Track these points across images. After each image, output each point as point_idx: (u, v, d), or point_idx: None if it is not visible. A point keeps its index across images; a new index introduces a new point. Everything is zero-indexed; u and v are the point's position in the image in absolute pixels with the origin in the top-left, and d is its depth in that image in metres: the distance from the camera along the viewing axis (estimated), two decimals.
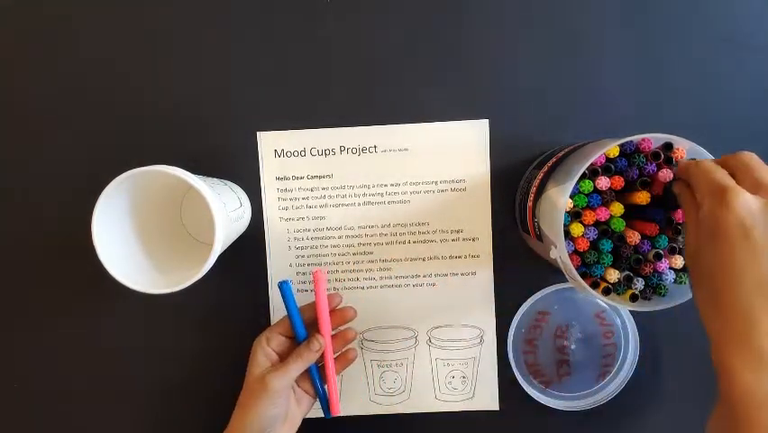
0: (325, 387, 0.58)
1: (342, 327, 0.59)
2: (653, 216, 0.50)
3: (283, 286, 0.56)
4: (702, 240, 0.40)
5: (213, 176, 0.60)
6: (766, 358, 0.36)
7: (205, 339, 0.64)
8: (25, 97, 0.62)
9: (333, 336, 0.57)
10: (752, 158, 0.41)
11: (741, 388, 0.36)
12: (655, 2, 0.61)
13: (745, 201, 0.38)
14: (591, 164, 0.48)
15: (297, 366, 0.54)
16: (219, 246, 0.49)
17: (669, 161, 0.49)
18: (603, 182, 0.49)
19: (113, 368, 0.64)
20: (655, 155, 0.49)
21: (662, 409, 0.64)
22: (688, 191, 0.44)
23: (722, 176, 0.40)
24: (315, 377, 0.57)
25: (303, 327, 0.57)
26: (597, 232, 0.50)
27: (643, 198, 0.49)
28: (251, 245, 0.63)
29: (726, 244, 0.38)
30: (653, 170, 0.49)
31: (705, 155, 0.48)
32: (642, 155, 0.49)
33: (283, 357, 0.57)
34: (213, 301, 0.64)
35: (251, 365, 0.56)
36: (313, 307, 0.57)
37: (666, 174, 0.48)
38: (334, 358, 0.58)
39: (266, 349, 0.56)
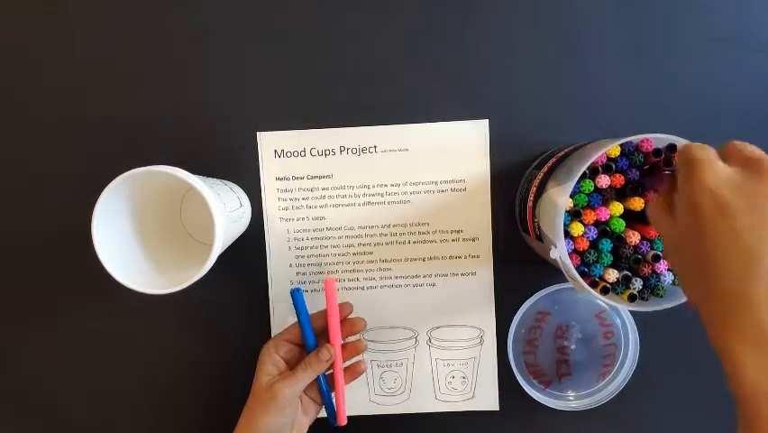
0: (332, 394, 0.58)
1: (351, 338, 0.59)
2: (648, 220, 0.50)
3: (295, 294, 0.56)
4: (680, 225, 0.38)
5: (213, 176, 0.60)
6: None
7: (205, 339, 0.64)
8: (25, 97, 0.62)
9: (342, 346, 0.57)
10: (745, 144, 0.38)
11: (747, 379, 0.33)
12: (655, 2, 0.61)
13: (715, 173, 0.35)
14: (592, 163, 0.48)
15: (307, 376, 0.54)
16: (219, 246, 0.49)
17: (668, 162, 0.49)
18: (603, 180, 0.49)
19: (113, 368, 0.64)
20: (657, 153, 0.49)
21: (662, 409, 0.64)
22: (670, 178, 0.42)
23: (695, 149, 0.37)
24: (323, 385, 0.57)
25: (313, 336, 0.57)
26: (597, 232, 0.50)
27: (636, 204, 0.49)
28: (251, 245, 0.63)
29: (702, 225, 0.35)
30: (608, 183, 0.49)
31: None
32: (641, 154, 0.49)
33: (291, 365, 0.56)
34: (213, 301, 0.64)
35: (259, 373, 0.55)
36: (323, 315, 0.57)
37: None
38: (343, 369, 0.58)
39: (274, 357, 0.56)
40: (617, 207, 0.50)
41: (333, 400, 0.58)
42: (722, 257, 0.35)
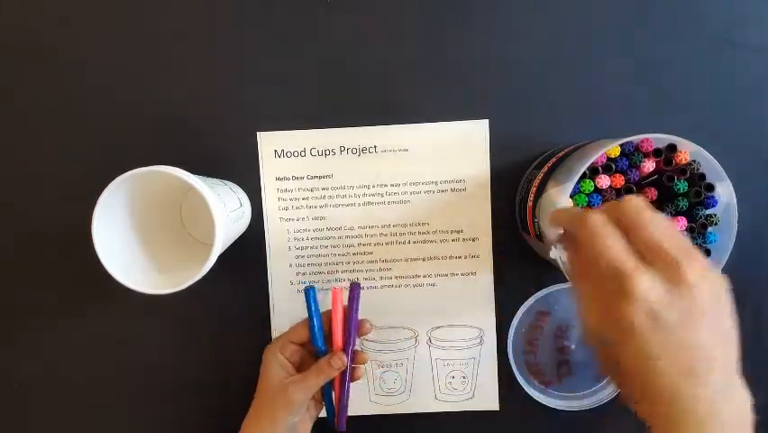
0: (332, 394, 0.58)
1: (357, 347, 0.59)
2: None
3: (309, 292, 0.56)
4: (608, 332, 0.36)
5: (213, 176, 0.60)
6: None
7: (206, 339, 0.64)
8: (25, 97, 0.62)
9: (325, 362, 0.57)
10: (638, 210, 0.36)
11: None
12: (655, 2, 0.61)
13: (647, 288, 0.34)
14: (592, 163, 0.48)
15: (319, 381, 0.54)
16: (219, 247, 0.49)
17: (669, 162, 0.49)
18: (603, 181, 0.49)
19: (113, 368, 0.64)
20: (657, 153, 0.49)
21: None
22: (577, 258, 0.40)
23: (617, 253, 0.35)
24: (326, 387, 0.57)
25: (323, 338, 0.57)
26: None
27: None
28: (251, 245, 0.63)
29: (636, 339, 0.34)
30: (650, 168, 0.49)
31: (707, 157, 0.48)
32: (641, 154, 0.49)
33: (296, 365, 0.57)
34: (213, 301, 0.64)
35: (266, 374, 0.55)
36: (330, 316, 0.57)
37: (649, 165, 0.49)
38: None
39: (280, 358, 0.56)
40: None
41: (333, 401, 0.58)
42: (658, 366, 0.34)
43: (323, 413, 0.59)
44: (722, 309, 0.34)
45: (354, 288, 0.56)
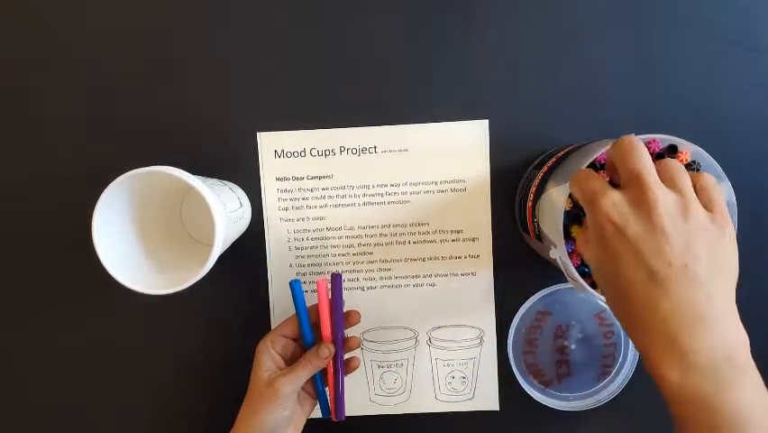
0: (326, 390, 0.58)
1: (348, 334, 0.59)
2: None
3: (294, 285, 0.56)
4: (593, 248, 0.41)
5: (213, 176, 0.60)
6: (686, 354, 0.36)
7: (205, 339, 0.64)
8: (25, 97, 0.62)
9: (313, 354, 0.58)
10: (632, 147, 0.40)
11: (669, 389, 0.37)
12: (655, 2, 0.61)
13: (611, 201, 0.39)
14: (592, 161, 0.48)
15: (306, 372, 0.55)
16: (219, 247, 0.49)
17: None
18: (602, 177, 0.49)
19: (113, 368, 0.64)
20: (659, 156, 0.49)
21: (662, 409, 0.64)
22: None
23: (592, 181, 0.41)
24: (318, 381, 0.58)
25: (310, 329, 0.57)
26: None
27: None
28: (251, 246, 0.63)
29: (609, 247, 0.39)
30: None
31: (707, 158, 0.48)
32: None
33: (287, 360, 0.57)
34: (213, 301, 0.64)
35: (257, 369, 0.56)
36: (318, 308, 0.57)
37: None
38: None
39: (271, 352, 0.56)
40: None
41: (328, 396, 0.58)
42: (629, 273, 0.38)
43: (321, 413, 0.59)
44: (691, 228, 0.37)
45: (335, 279, 0.56)
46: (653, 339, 0.37)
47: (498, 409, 0.65)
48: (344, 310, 0.58)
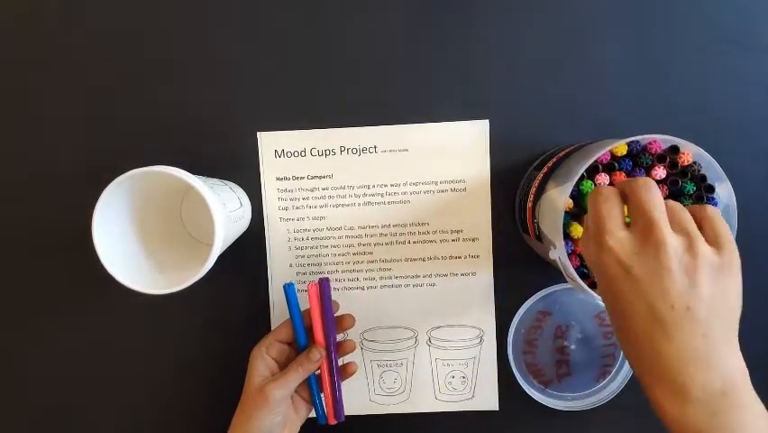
0: (321, 395, 0.58)
1: (341, 337, 0.59)
2: None
3: (288, 289, 0.56)
4: (600, 282, 0.41)
5: (213, 176, 0.60)
6: (683, 391, 0.37)
7: (205, 339, 0.64)
8: (25, 97, 0.62)
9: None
10: (639, 182, 0.40)
11: (669, 422, 0.38)
12: (655, 2, 0.61)
13: (620, 242, 0.39)
14: (592, 162, 0.48)
15: (298, 376, 0.55)
16: (219, 247, 0.49)
17: (673, 165, 0.49)
18: (602, 179, 0.49)
19: (113, 368, 0.64)
20: (661, 158, 0.49)
21: None
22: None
23: (606, 206, 0.41)
24: (313, 385, 0.58)
25: (304, 333, 0.57)
26: None
27: None
28: (251, 245, 0.63)
29: (614, 283, 0.39)
30: (661, 175, 0.49)
31: (707, 159, 0.48)
32: (648, 156, 0.49)
33: (282, 365, 0.57)
34: (213, 301, 0.64)
35: (250, 374, 0.56)
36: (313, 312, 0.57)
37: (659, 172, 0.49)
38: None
39: (265, 358, 0.56)
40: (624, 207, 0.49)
41: (323, 401, 0.58)
42: (632, 308, 0.38)
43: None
44: (697, 268, 0.38)
45: (323, 284, 0.57)
46: (651, 373, 0.38)
47: (497, 409, 0.65)
48: (339, 314, 0.59)
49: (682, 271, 0.37)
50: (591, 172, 0.50)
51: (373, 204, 0.63)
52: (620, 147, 0.49)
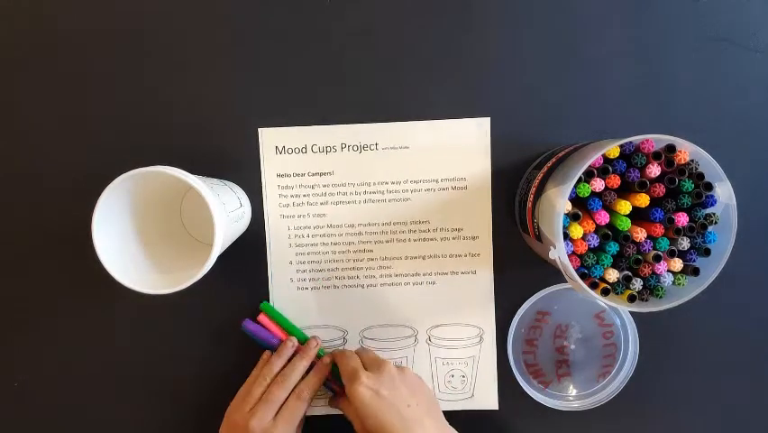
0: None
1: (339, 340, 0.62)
2: (652, 217, 0.50)
3: (247, 326, 0.62)
4: (360, 410, 0.53)
5: (213, 174, 0.60)
6: None
7: (205, 339, 0.64)
8: (25, 97, 0.62)
9: (301, 347, 0.62)
10: (347, 354, 0.59)
11: None
12: (655, 2, 0.61)
13: (368, 377, 0.55)
14: (588, 167, 0.48)
15: (302, 365, 0.59)
16: (219, 246, 0.49)
17: (670, 163, 0.49)
18: (597, 184, 0.49)
19: (113, 368, 0.64)
20: (656, 155, 0.49)
21: (662, 409, 0.65)
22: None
23: (351, 361, 0.57)
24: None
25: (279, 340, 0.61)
26: (598, 238, 0.50)
27: (642, 200, 0.49)
28: (251, 244, 0.63)
29: (369, 407, 0.53)
30: (656, 173, 0.49)
31: (706, 158, 0.48)
32: (642, 155, 0.49)
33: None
34: (213, 301, 0.64)
35: None
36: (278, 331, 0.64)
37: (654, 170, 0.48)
38: (311, 368, 0.61)
39: None
40: (625, 206, 0.49)
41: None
42: (388, 422, 0.52)
43: (320, 412, 0.59)
44: (410, 381, 0.57)
45: (248, 324, 0.62)
46: None
47: (497, 408, 0.65)
48: (311, 335, 0.63)
49: (400, 385, 0.55)
50: (587, 175, 0.49)
51: (374, 201, 0.63)
52: (612, 150, 0.49)
